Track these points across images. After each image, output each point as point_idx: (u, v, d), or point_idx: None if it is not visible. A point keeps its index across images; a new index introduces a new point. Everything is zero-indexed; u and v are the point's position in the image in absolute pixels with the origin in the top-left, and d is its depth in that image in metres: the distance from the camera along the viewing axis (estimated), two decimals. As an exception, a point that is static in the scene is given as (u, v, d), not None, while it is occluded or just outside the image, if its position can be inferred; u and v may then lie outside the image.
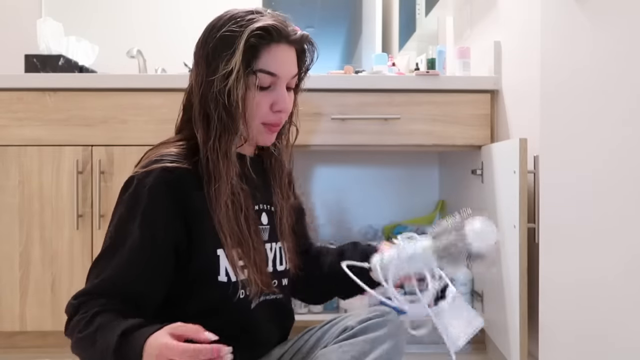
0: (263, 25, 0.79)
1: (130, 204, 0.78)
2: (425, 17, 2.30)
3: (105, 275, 0.75)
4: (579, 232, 0.95)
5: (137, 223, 0.77)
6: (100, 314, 0.72)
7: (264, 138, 0.88)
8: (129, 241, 0.77)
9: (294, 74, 0.86)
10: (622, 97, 0.83)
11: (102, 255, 0.78)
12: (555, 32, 1.04)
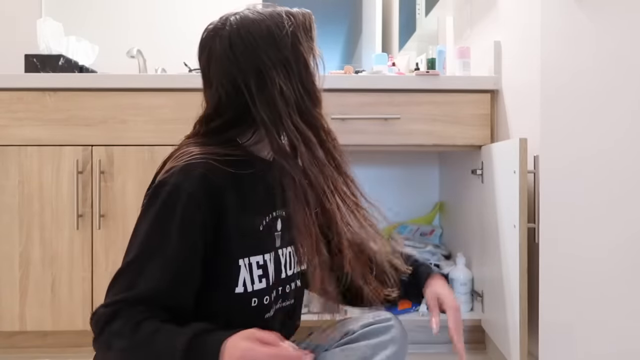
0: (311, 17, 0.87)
1: (166, 209, 0.73)
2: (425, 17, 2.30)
3: (143, 282, 0.70)
4: (579, 232, 0.95)
5: (175, 229, 0.72)
6: (146, 320, 0.68)
7: None
8: (167, 248, 0.72)
9: None
10: (622, 97, 0.83)
11: (135, 261, 0.72)
12: (556, 32, 1.04)
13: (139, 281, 0.70)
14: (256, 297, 0.81)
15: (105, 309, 0.69)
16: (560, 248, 1.03)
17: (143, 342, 0.66)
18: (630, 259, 0.81)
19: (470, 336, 1.67)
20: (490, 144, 1.55)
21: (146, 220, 0.74)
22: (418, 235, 2.05)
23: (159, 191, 0.74)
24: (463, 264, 1.70)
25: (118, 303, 0.69)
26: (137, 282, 0.70)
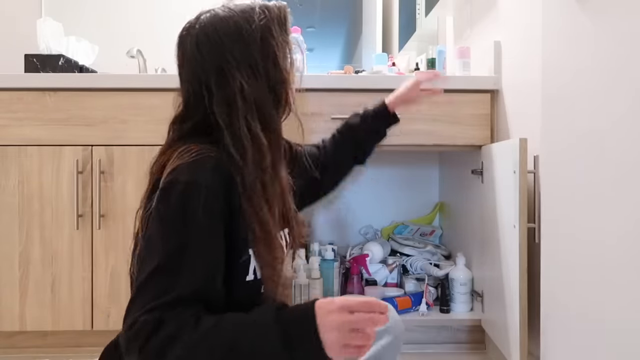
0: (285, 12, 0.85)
1: (186, 206, 0.70)
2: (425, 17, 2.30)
3: (180, 283, 0.68)
4: (579, 232, 0.95)
5: (199, 224, 0.71)
6: (202, 316, 0.66)
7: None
8: (195, 244, 0.70)
9: None
10: (623, 97, 0.83)
11: (164, 263, 0.69)
12: (557, 32, 1.04)
13: (176, 283, 0.68)
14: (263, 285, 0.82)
15: (148, 316, 0.65)
16: (561, 248, 1.03)
17: (214, 333, 0.64)
18: (630, 259, 0.81)
19: (470, 336, 1.67)
20: (490, 144, 1.55)
21: (165, 222, 0.71)
22: (418, 235, 2.05)
23: (173, 191, 0.71)
24: (463, 264, 1.70)
25: (160, 307, 0.66)
26: (174, 284, 0.67)
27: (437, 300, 1.75)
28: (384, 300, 1.70)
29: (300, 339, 0.63)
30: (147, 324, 0.64)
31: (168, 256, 0.69)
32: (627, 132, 0.81)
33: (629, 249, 0.81)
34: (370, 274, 1.82)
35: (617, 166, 0.84)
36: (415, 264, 1.87)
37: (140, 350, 0.63)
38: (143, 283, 0.68)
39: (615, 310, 0.85)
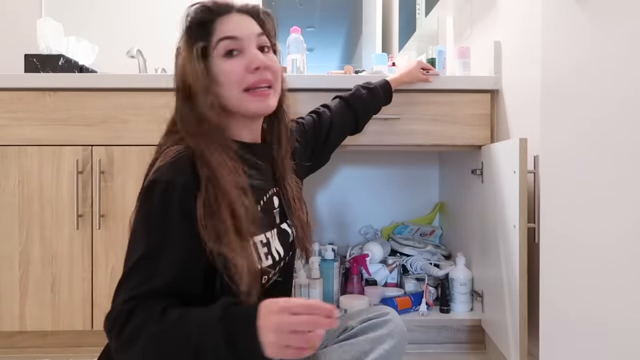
0: (202, 4, 0.84)
1: (163, 204, 0.75)
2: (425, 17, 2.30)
3: (155, 277, 0.72)
4: (579, 232, 0.95)
5: (175, 222, 0.74)
6: (168, 308, 0.69)
7: (252, 105, 0.85)
8: (171, 241, 0.74)
9: (259, 32, 0.86)
10: (623, 97, 0.83)
11: (142, 258, 0.73)
12: (556, 32, 1.04)
13: (151, 276, 0.72)
14: (265, 275, 0.83)
15: (122, 307, 0.70)
16: (561, 248, 1.03)
17: (173, 326, 0.68)
18: (631, 260, 0.81)
19: (470, 336, 1.67)
20: (490, 144, 1.55)
21: (144, 219, 0.75)
22: (418, 235, 2.05)
23: (152, 190, 0.75)
24: (463, 264, 1.70)
25: (134, 299, 0.71)
26: (150, 278, 0.72)
27: (437, 300, 1.75)
28: (384, 300, 1.71)
29: (241, 338, 0.65)
30: (121, 314, 0.70)
31: (145, 252, 0.73)
32: (627, 131, 0.81)
33: (630, 249, 0.81)
34: (370, 274, 1.82)
35: (618, 166, 0.84)
36: (415, 264, 1.87)
37: (116, 338, 0.69)
38: (124, 276, 0.74)
39: (616, 310, 0.85)
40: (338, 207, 2.16)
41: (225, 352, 0.65)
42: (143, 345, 0.67)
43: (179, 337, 0.67)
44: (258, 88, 0.84)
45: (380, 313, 0.91)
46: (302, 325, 0.64)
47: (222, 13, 0.84)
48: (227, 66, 0.83)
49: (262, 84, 0.84)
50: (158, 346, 0.68)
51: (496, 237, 1.43)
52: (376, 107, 1.36)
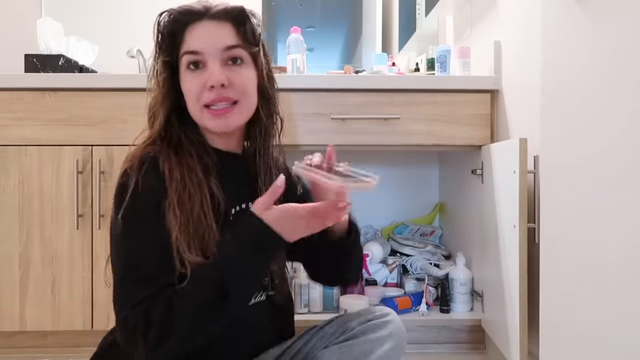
0: (167, 10, 0.82)
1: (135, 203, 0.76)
2: (425, 17, 2.30)
3: (151, 274, 0.73)
4: (579, 232, 0.95)
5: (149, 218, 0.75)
6: (177, 291, 0.71)
7: (210, 123, 0.82)
8: (153, 237, 0.75)
9: (227, 46, 0.81)
10: (623, 97, 0.83)
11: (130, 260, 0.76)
12: (556, 32, 1.04)
13: (147, 275, 0.73)
14: None
15: (135, 311, 0.70)
16: (561, 248, 1.03)
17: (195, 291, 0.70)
18: (630, 259, 0.81)
19: (470, 336, 1.67)
20: (490, 144, 1.55)
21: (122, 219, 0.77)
22: (418, 235, 2.05)
23: (121, 191, 0.77)
24: (463, 264, 1.70)
25: (143, 301, 0.71)
26: (146, 277, 0.73)
27: (437, 300, 1.75)
28: (384, 300, 1.71)
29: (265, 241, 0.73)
30: (137, 318, 0.69)
31: (134, 251, 0.75)
32: (627, 131, 0.81)
33: (630, 249, 0.81)
34: (370, 274, 1.82)
35: (618, 166, 0.84)
36: (415, 264, 1.87)
37: (144, 340, 0.68)
38: (119, 280, 0.75)
39: (616, 310, 0.85)
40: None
41: (261, 262, 0.73)
42: (180, 327, 0.68)
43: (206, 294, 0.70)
44: (215, 106, 0.81)
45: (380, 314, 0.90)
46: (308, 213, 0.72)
47: (191, 21, 0.81)
48: (188, 81, 0.82)
49: (221, 102, 0.81)
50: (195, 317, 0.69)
51: (496, 237, 1.43)
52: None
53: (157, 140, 0.85)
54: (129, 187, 0.76)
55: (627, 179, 0.81)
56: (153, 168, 0.78)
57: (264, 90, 0.88)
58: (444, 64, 1.75)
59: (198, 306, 0.70)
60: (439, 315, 1.67)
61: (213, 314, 0.70)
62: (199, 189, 0.78)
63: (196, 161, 0.81)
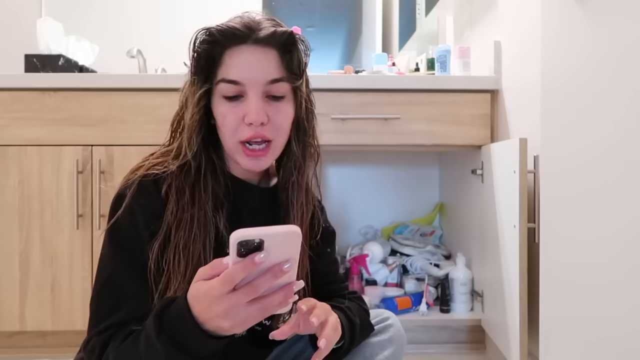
0: (206, 29, 0.73)
1: (125, 218, 0.73)
2: (425, 17, 2.30)
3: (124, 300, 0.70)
4: (579, 232, 0.95)
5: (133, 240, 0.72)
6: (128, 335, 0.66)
7: (243, 161, 0.75)
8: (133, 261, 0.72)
9: (271, 79, 0.72)
10: (623, 97, 0.83)
11: (109, 280, 0.71)
12: (556, 32, 1.04)
13: (120, 302, 0.70)
14: None
15: (98, 337, 0.69)
16: (560, 248, 1.03)
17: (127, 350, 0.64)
18: (630, 259, 0.81)
19: (470, 336, 1.67)
20: (490, 144, 1.55)
21: (110, 234, 0.74)
22: (418, 235, 2.05)
23: (117, 203, 0.74)
24: (463, 264, 1.70)
25: (110, 328, 0.69)
26: (119, 303, 0.70)
27: (437, 300, 1.75)
28: (384, 300, 1.71)
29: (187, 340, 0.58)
30: (96, 346, 0.68)
31: (112, 273, 0.71)
32: (627, 131, 0.81)
33: (630, 250, 0.81)
34: (370, 273, 1.82)
35: (618, 165, 0.84)
36: (415, 264, 1.87)
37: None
38: (96, 296, 0.72)
39: (616, 310, 0.85)
40: (338, 207, 2.16)
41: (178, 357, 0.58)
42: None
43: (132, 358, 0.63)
44: (252, 143, 0.74)
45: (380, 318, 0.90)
46: (253, 292, 0.53)
47: (232, 44, 0.72)
48: (223, 111, 0.73)
49: (257, 138, 0.73)
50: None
51: (496, 237, 1.43)
52: None
53: (174, 159, 0.76)
54: (122, 205, 0.72)
55: (627, 179, 0.81)
56: (154, 193, 0.73)
57: (300, 123, 0.80)
58: (444, 64, 1.75)
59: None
60: (439, 315, 1.67)
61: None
62: (204, 229, 0.73)
63: (210, 195, 0.74)
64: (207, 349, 0.58)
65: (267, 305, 0.54)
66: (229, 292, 0.53)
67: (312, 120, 0.83)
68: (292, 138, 0.80)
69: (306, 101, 0.80)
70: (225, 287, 0.52)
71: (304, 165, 0.82)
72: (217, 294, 0.53)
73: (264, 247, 0.51)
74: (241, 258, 0.51)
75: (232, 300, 0.53)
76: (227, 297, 0.53)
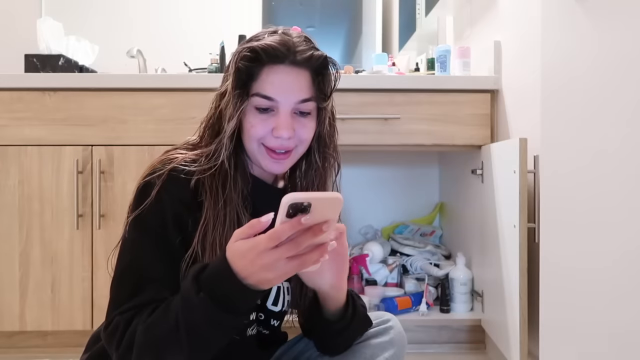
0: (251, 47, 0.77)
1: (155, 206, 0.74)
2: (425, 17, 2.30)
3: (149, 281, 0.72)
4: (579, 232, 0.95)
5: (166, 227, 0.74)
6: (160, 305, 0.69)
7: (265, 162, 0.80)
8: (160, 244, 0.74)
9: (302, 99, 0.78)
10: (622, 96, 0.83)
11: (133, 263, 0.74)
12: (556, 32, 1.04)
13: (145, 283, 0.72)
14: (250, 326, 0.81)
15: (121, 317, 0.70)
16: (560, 248, 1.03)
17: (160, 318, 0.67)
18: (630, 259, 0.81)
19: (470, 336, 1.67)
20: (490, 143, 1.55)
21: (136, 221, 0.75)
22: (418, 235, 2.05)
23: (144, 191, 0.75)
24: (463, 264, 1.70)
25: (134, 308, 0.70)
26: (143, 285, 0.72)
27: (437, 300, 1.75)
28: (384, 300, 1.71)
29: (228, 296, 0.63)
30: (119, 325, 0.69)
31: (139, 260, 0.73)
32: (627, 131, 0.81)
33: (630, 249, 0.81)
34: (370, 273, 1.82)
35: (618, 165, 0.84)
36: (415, 263, 1.87)
37: (116, 349, 0.69)
38: (118, 281, 0.74)
39: (616, 310, 0.85)
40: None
41: (223, 316, 0.63)
42: (139, 346, 0.66)
43: (167, 325, 0.65)
44: (272, 150, 0.79)
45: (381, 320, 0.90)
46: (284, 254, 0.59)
47: (271, 62, 0.77)
48: (253, 120, 0.78)
49: (280, 149, 0.79)
50: (152, 342, 0.66)
51: (496, 237, 1.43)
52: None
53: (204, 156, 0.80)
54: (151, 193, 0.74)
55: (627, 179, 0.81)
56: (183, 184, 0.75)
57: (322, 135, 0.85)
58: (444, 64, 1.75)
59: (157, 331, 0.67)
60: (439, 315, 1.67)
61: (168, 345, 0.66)
62: (236, 226, 0.76)
63: (239, 193, 0.79)
64: (248, 302, 0.65)
65: (304, 261, 0.60)
66: (273, 248, 0.59)
67: (333, 135, 0.87)
68: (313, 149, 0.85)
69: (330, 117, 0.85)
70: (271, 243, 0.58)
71: (324, 175, 0.87)
72: (262, 248, 0.59)
73: (309, 210, 0.57)
74: (288, 218, 0.58)
75: (276, 255, 0.59)
76: (272, 251, 0.59)
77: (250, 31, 0.94)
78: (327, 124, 0.84)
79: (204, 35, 2.11)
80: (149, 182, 0.76)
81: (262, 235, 0.59)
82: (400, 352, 0.88)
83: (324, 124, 0.84)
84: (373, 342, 0.86)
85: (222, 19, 2.16)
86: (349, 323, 0.81)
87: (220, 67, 1.86)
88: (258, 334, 0.85)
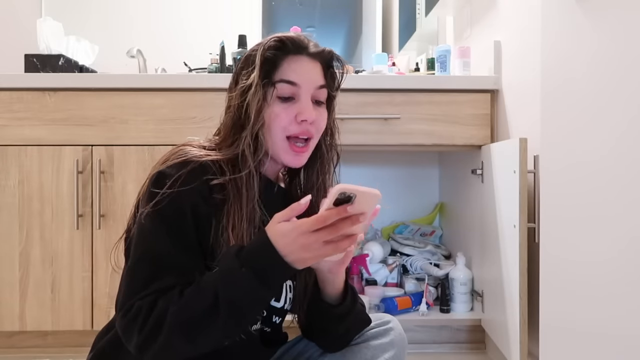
0: (278, 37, 0.82)
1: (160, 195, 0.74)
2: (425, 17, 2.30)
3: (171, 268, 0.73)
4: (579, 232, 0.95)
5: (185, 216, 0.74)
6: (184, 289, 0.70)
7: (287, 156, 0.83)
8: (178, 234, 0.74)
9: (320, 85, 0.83)
10: (623, 96, 0.83)
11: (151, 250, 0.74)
12: (556, 31, 1.04)
13: (166, 268, 0.72)
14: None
15: (143, 301, 0.70)
16: (560, 248, 1.03)
17: (195, 296, 0.68)
18: (630, 259, 0.81)
19: (470, 336, 1.67)
20: (490, 143, 1.55)
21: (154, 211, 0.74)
22: (418, 235, 2.05)
23: (159, 181, 0.75)
24: (463, 264, 1.70)
25: (153, 293, 0.70)
26: (164, 270, 0.72)
27: (437, 300, 1.75)
28: (384, 300, 1.71)
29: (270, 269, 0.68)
30: (141, 308, 0.69)
31: (160, 245, 0.73)
32: (627, 131, 0.81)
33: (630, 248, 0.81)
34: (370, 273, 1.82)
35: (618, 165, 0.84)
36: (415, 263, 1.87)
37: (139, 332, 0.68)
38: (136, 267, 0.73)
39: (616, 310, 0.85)
40: (338, 207, 2.16)
41: (261, 290, 0.67)
42: (170, 326, 0.67)
43: (204, 302, 0.67)
44: (298, 141, 0.82)
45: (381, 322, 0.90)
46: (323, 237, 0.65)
47: (293, 53, 0.82)
48: (277, 109, 0.81)
49: (304, 135, 0.82)
50: (187, 320, 0.67)
51: (496, 237, 1.43)
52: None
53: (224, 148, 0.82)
54: (167, 183, 0.74)
55: (627, 178, 0.81)
56: (202, 177, 0.76)
57: (329, 128, 0.89)
58: (444, 64, 1.75)
59: (193, 311, 0.68)
60: (439, 315, 1.67)
61: (204, 324, 0.68)
62: (254, 222, 0.79)
63: (256, 191, 0.80)
64: (284, 278, 0.71)
65: (337, 246, 0.66)
66: (315, 231, 0.64)
67: (336, 127, 0.92)
68: (322, 142, 0.89)
69: (333, 111, 0.91)
70: (315, 226, 0.64)
71: (331, 167, 0.91)
72: (305, 229, 0.65)
73: (354, 200, 0.63)
74: (334, 206, 0.63)
75: (316, 237, 0.65)
76: (314, 233, 0.65)
77: (250, 31, 0.96)
78: (333, 116, 0.90)
79: (204, 35, 2.11)
80: (163, 172, 0.76)
81: (308, 218, 0.65)
82: (400, 354, 0.88)
83: (332, 116, 0.90)
84: (373, 344, 0.86)
85: (222, 19, 2.16)
86: (349, 309, 0.85)
87: (221, 67, 1.86)
88: (260, 332, 0.85)
